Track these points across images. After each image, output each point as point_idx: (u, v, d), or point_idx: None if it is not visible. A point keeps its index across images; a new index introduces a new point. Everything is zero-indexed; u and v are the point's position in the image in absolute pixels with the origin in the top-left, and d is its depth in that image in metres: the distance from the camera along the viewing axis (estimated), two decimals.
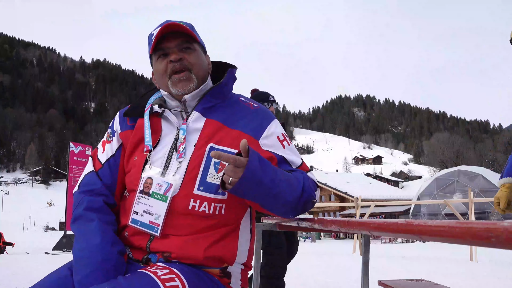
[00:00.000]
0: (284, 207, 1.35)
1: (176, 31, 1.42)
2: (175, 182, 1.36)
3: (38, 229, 55.67)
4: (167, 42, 1.42)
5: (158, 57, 1.45)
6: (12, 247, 14.98)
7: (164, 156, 1.41)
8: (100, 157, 1.51)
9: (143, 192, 1.38)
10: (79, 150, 16.53)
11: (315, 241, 32.59)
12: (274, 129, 1.49)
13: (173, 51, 1.42)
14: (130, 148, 1.47)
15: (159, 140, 1.44)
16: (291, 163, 1.45)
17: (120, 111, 1.58)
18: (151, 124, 1.47)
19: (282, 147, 1.47)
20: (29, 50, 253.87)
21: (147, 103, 1.52)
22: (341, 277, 6.51)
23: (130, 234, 1.39)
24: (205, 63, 1.51)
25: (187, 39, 1.44)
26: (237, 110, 1.49)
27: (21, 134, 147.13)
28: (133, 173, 1.43)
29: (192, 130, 1.42)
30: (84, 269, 1.25)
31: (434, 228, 0.75)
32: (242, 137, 1.39)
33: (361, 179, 62.69)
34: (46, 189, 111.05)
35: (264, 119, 1.49)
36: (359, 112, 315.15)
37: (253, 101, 1.57)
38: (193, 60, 1.44)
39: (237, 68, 1.57)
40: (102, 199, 1.42)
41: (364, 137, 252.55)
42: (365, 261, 1.88)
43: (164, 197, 1.35)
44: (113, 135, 1.54)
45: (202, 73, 1.48)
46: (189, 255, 1.32)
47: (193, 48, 1.46)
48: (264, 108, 1.55)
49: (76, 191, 1.47)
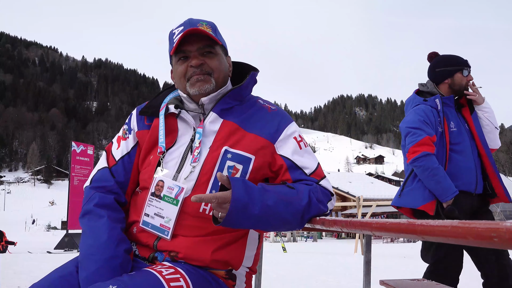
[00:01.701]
0: (286, 227, 1.33)
1: (198, 34, 1.39)
2: (186, 186, 1.34)
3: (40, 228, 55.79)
4: (189, 45, 1.39)
5: (179, 59, 1.42)
6: (14, 246, 15.02)
7: (178, 158, 1.39)
8: (114, 154, 1.49)
9: (154, 194, 1.37)
10: (81, 149, 16.55)
11: (317, 240, 32.59)
12: (291, 132, 1.46)
13: (194, 55, 1.39)
14: (146, 148, 1.45)
15: (175, 141, 1.42)
16: (304, 169, 1.41)
17: (138, 108, 1.55)
18: (167, 123, 1.45)
19: (298, 148, 1.43)
20: (31, 49, 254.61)
21: (162, 102, 1.49)
22: (343, 276, 6.51)
23: (138, 231, 1.39)
24: (226, 66, 1.48)
25: (209, 43, 1.41)
26: (254, 112, 1.46)
27: (23, 133, 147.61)
28: (147, 171, 1.42)
29: (208, 132, 1.40)
30: (91, 266, 1.24)
31: (437, 228, 0.75)
32: (258, 141, 1.38)
33: (363, 178, 62.57)
34: (48, 188, 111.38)
35: (281, 122, 1.46)
36: (361, 111, 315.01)
37: (271, 103, 1.54)
38: (214, 65, 1.41)
39: (259, 71, 1.54)
40: (113, 197, 1.41)
41: (366, 136, 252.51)
42: (367, 261, 1.88)
43: (176, 200, 1.34)
44: (130, 132, 1.51)
45: (222, 77, 1.45)
46: (196, 256, 1.31)
47: (215, 52, 1.42)
48: (281, 111, 1.52)
49: (88, 186, 1.45)
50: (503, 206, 29.48)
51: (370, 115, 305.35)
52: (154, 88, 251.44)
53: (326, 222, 1.32)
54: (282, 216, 1.27)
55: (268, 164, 1.40)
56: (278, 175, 1.41)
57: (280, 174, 1.40)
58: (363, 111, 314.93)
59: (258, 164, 1.37)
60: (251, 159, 1.37)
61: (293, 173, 1.39)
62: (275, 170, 1.41)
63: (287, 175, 1.39)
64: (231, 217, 1.18)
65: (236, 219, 1.19)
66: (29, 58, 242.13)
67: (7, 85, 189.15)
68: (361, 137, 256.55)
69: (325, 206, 1.38)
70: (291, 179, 1.39)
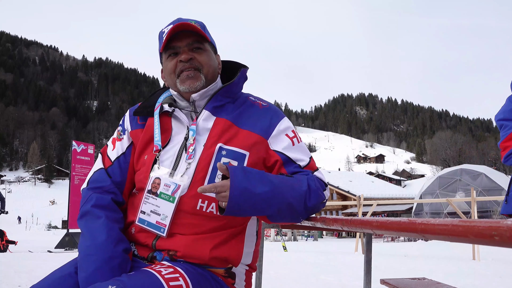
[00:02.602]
0: (291, 214, 1.34)
1: (187, 30, 1.41)
2: (183, 183, 1.36)
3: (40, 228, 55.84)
4: (178, 41, 1.42)
5: (168, 55, 1.45)
6: (14, 246, 15.02)
7: (173, 156, 1.41)
8: (110, 155, 1.51)
9: (151, 192, 1.38)
10: (81, 148, 16.55)
11: (317, 239, 32.59)
12: (283, 127, 1.48)
13: (183, 50, 1.42)
14: (140, 147, 1.47)
15: (169, 139, 1.44)
16: (298, 162, 1.44)
17: (131, 109, 1.57)
18: (161, 123, 1.46)
19: (291, 144, 1.46)
20: (32, 48, 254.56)
21: (156, 102, 1.51)
22: (344, 275, 6.51)
23: (136, 231, 1.40)
24: (215, 63, 1.50)
25: (198, 38, 1.44)
26: (246, 109, 1.49)
27: (23, 133, 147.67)
28: (142, 171, 1.43)
29: (202, 129, 1.42)
30: (90, 266, 1.25)
31: (437, 227, 0.74)
32: (251, 137, 1.40)
33: (364, 177, 62.64)
34: (48, 188, 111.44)
35: (273, 118, 1.49)
36: (361, 110, 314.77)
37: (262, 99, 1.56)
38: (203, 60, 1.44)
39: (249, 68, 1.56)
40: (111, 197, 1.42)
41: (366, 135, 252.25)
42: (367, 260, 1.88)
43: (172, 198, 1.35)
44: (124, 133, 1.54)
45: (212, 73, 1.47)
46: (194, 254, 1.32)
47: (204, 48, 1.45)
48: (273, 107, 1.55)
49: (85, 187, 1.47)
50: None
51: (370, 114, 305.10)
52: (155, 87, 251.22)
53: (327, 221, 1.32)
54: (287, 198, 1.28)
55: (263, 160, 1.42)
56: (273, 170, 1.43)
57: (275, 168, 1.43)
58: (364, 110, 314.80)
59: (253, 160, 1.39)
60: (245, 155, 1.38)
61: (288, 167, 1.42)
62: (269, 165, 1.43)
63: (283, 170, 1.42)
64: (233, 204, 1.20)
65: (238, 204, 1.21)
66: (30, 57, 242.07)
67: (7, 84, 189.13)
68: (362, 136, 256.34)
69: (323, 194, 1.42)
70: (287, 172, 1.41)
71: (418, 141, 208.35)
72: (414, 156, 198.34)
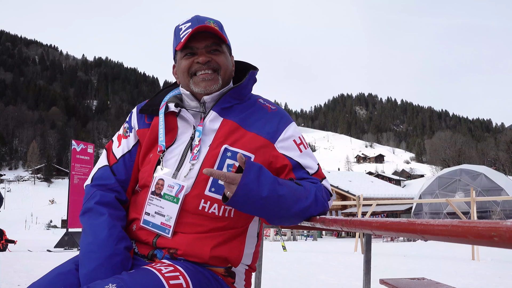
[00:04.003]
0: (291, 222, 1.35)
1: (206, 31, 1.40)
2: (186, 184, 1.35)
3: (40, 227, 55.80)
4: (196, 42, 1.40)
5: (185, 54, 1.43)
6: (14, 245, 15.02)
7: (178, 156, 1.40)
8: (115, 152, 1.49)
9: (154, 193, 1.38)
10: (81, 148, 16.56)
11: (317, 239, 32.58)
12: (291, 133, 1.47)
13: (201, 52, 1.41)
14: (146, 146, 1.46)
15: (175, 139, 1.43)
16: (307, 169, 1.44)
17: (138, 106, 1.56)
18: (167, 122, 1.45)
19: (298, 150, 1.45)
20: (31, 48, 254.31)
21: (162, 101, 1.50)
22: (343, 275, 6.51)
23: (138, 229, 1.39)
24: (230, 64, 1.49)
25: (216, 41, 1.43)
26: (254, 111, 1.48)
27: (23, 132, 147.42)
28: (147, 169, 1.43)
29: (208, 130, 1.41)
30: (91, 263, 1.25)
31: (437, 228, 0.74)
32: (258, 140, 1.40)
33: (363, 177, 62.52)
34: (48, 187, 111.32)
35: (281, 122, 1.48)
36: (361, 110, 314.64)
37: (271, 102, 1.55)
38: (221, 61, 1.43)
39: (259, 70, 1.55)
40: (114, 195, 1.41)
41: (366, 135, 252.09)
42: (366, 260, 1.88)
43: (176, 198, 1.35)
44: (130, 130, 1.52)
45: (228, 75, 1.47)
46: (195, 253, 1.32)
47: (222, 50, 1.44)
48: (282, 111, 1.53)
49: (89, 184, 1.46)
50: (503, 205, 29.43)
51: (370, 114, 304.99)
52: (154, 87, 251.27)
53: (326, 221, 1.32)
54: (290, 209, 1.30)
55: (269, 163, 1.41)
56: (280, 174, 1.43)
57: (284, 173, 1.42)
58: (363, 110, 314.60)
59: (258, 163, 1.38)
60: (250, 158, 1.38)
61: (297, 172, 1.42)
62: (276, 169, 1.42)
63: (291, 174, 1.42)
64: (236, 200, 1.21)
65: (239, 200, 1.21)
66: (29, 57, 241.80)
67: (7, 84, 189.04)
68: (361, 136, 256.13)
69: (328, 204, 1.43)
70: (295, 178, 1.41)
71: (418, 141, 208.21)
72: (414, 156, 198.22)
